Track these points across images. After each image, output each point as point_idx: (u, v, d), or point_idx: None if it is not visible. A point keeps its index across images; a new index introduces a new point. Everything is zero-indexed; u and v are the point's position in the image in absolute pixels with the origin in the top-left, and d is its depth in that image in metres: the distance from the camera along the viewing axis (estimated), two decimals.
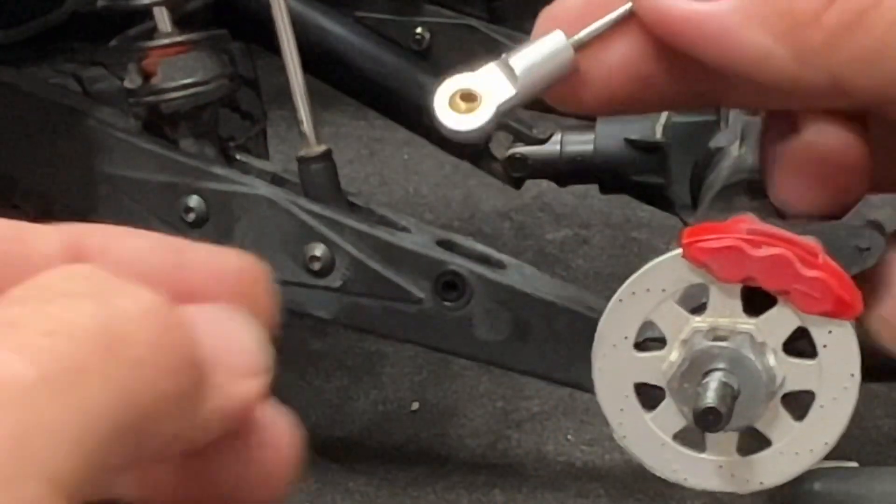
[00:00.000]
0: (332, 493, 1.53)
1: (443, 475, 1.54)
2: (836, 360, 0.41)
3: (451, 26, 1.68)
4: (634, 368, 0.44)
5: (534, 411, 1.63)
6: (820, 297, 0.40)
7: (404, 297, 1.29)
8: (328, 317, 1.35)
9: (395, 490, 1.53)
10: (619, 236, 1.95)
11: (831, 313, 0.40)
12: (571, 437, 1.59)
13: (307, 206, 1.31)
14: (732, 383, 0.44)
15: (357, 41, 1.62)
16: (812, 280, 0.40)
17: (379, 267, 1.29)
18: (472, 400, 1.66)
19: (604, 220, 1.97)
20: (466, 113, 0.36)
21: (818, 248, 0.40)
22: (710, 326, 0.43)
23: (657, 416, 0.44)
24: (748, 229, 0.40)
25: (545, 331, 1.27)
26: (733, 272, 0.41)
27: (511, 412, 1.64)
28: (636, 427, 0.44)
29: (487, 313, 1.28)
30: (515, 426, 1.62)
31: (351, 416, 1.65)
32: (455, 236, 1.34)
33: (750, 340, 0.43)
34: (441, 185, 2.15)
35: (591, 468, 1.55)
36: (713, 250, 0.41)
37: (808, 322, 0.41)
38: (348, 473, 1.55)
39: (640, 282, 0.43)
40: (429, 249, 1.29)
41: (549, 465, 1.56)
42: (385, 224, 1.33)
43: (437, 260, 1.28)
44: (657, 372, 0.44)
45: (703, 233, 0.41)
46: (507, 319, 1.28)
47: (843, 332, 0.40)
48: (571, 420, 1.61)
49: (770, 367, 0.43)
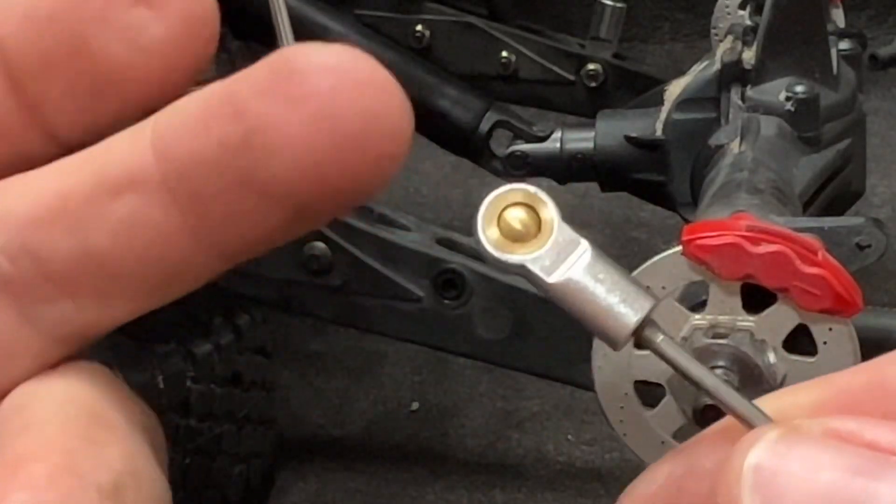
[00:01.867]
0: (332, 493, 1.53)
1: (443, 475, 1.54)
2: (836, 356, 0.41)
3: (451, 24, 1.68)
4: (634, 366, 0.43)
5: (534, 411, 1.63)
6: (820, 294, 0.40)
7: (404, 295, 1.29)
8: (328, 317, 1.35)
9: (395, 490, 1.52)
10: (619, 236, 1.95)
11: (831, 310, 0.40)
12: (571, 437, 1.59)
13: None
14: (732, 381, 0.43)
15: (357, 39, 1.62)
16: (812, 277, 0.39)
17: (378, 266, 1.29)
18: (472, 400, 1.66)
19: (604, 220, 1.97)
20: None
21: (818, 244, 0.40)
22: (710, 324, 0.43)
23: (657, 414, 0.44)
24: (748, 226, 0.40)
25: (545, 329, 1.27)
26: (733, 269, 0.40)
27: (511, 412, 1.63)
28: (636, 425, 0.44)
29: (487, 312, 1.28)
30: (515, 426, 1.61)
31: (351, 416, 1.65)
32: (455, 235, 1.33)
33: (750, 338, 0.43)
34: (441, 185, 2.15)
35: (591, 468, 1.54)
36: (713, 247, 0.40)
37: (808, 319, 0.41)
38: (348, 473, 1.55)
39: (639, 279, 0.43)
40: (428, 248, 1.29)
41: (549, 465, 1.55)
42: (384, 223, 1.33)
43: (437, 258, 1.28)
44: (657, 370, 0.43)
45: (702, 230, 0.40)
46: (507, 318, 1.28)
47: (843, 329, 0.40)
48: (571, 420, 1.61)
49: (770, 364, 0.43)
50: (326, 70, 0.26)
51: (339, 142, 0.26)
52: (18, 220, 0.28)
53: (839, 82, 1.34)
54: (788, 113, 1.27)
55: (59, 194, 0.28)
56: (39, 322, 0.28)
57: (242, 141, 0.26)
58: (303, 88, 0.26)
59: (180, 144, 0.27)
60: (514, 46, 1.67)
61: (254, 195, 0.27)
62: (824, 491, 0.26)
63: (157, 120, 0.27)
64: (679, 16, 2.52)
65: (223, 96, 0.27)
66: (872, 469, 0.26)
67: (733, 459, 0.27)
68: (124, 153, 0.27)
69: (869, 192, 1.51)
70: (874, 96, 2.06)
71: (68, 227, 0.27)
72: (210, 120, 0.27)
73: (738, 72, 1.34)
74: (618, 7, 1.66)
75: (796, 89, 1.28)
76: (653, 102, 1.44)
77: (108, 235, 0.27)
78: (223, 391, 1.33)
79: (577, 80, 1.67)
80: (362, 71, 0.26)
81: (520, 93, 1.69)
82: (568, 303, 0.29)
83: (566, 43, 1.71)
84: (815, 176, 1.23)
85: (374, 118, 0.26)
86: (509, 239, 0.28)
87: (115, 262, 0.27)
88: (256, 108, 0.26)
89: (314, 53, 0.26)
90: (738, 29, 1.44)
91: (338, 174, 0.26)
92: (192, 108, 0.27)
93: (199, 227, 0.27)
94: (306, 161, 0.26)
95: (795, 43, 1.32)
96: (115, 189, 0.27)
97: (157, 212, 0.27)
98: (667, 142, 1.40)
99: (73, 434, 0.27)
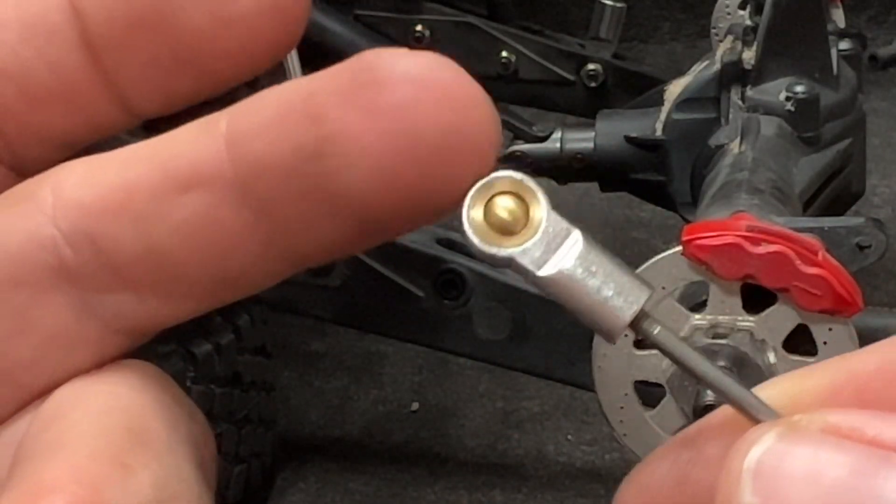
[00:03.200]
0: (332, 493, 1.52)
1: (443, 475, 1.54)
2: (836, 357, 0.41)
3: (451, 24, 1.68)
4: (634, 366, 0.43)
5: (534, 411, 1.63)
6: (820, 294, 0.40)
7: (404, 295, 1.29)
8: (328, 317, 1.35)
9: (395, 490, 1.52)
10: (619, 236, 1.95)
11: (831, 310, 0.40)
12: (571, 437, 1.59)
13: None
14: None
15: (357, 39, 1.62)
16: (812, 277, 0.39)
17: (378, 265, 1.29)
18: (472, 400, 1.66)
19: (604, 220, 1.97)
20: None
21: (818, 245, 0.40)
22: (710, 324, 0.43)
23: (657, 414, 0.44)
24: (748, 226, 0.40)
25: (545, 329, 1.27)
26: (733, 269, 0.40)
27: (511, 412, 1.63)
28: (636, 425, 0.44)
29: (487, 312, 1.28)
30: (515, 426, 1.61)
31: (351, 416, 1.65)
32: (455, 235, 1.33)
33: (750, 338, 0.43)
34: None
35: (591, 468, 1.54)
36: (713, 247, 0.40)
37: (808, 319, 0.41)
38: (348, 473, 1.55)
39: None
40: (428, 248, 1.29)
41: (549, 465, 1.55)
42: None
43: (437, 258, 1.28)
44: (657, 370, 0.43)
45: (702, 230, 0.40)
46: (507, 318, 1.28)
47: (843, 329, 0.40)
48: (571, 420, 1.61)
49: (770, 364, 0.43)
50: (409, 80, 0.25)
51: (417, 157, 0.25)
52: (82, 209, 0.27)
53: (839, 82, 1.34)
54: (788, 113, 1.27)
55: (125, 185, 0.27)
56: (99, 312, 0.27)
57: (316, 148, 0.25)
58: (383, 99, 0.25)
59: (255, 145, 0.26)
60: (514, 46, 1.67)
61: (325, 205, 0.26)
62: (825, 491, 0.25)
63: (234, 116, 0.27)
64: (679, 16, 2.52)
65: (302, 98, 0.26)
66: (874, 467, 0.25)
67: (732, 459, 0.26)
68: (195, 147, 0.27)
69: (869, 192, 1.51)
70: (874, 96, 2.06)
71: (133, 220, 0.27)
72: (286, 123, 0.26)
73: (738, 72, 1.35)
74: (618, 7, 1.66)
75: (796, 89, 1.28)
76: (653, 102, 1.44)
77: (174, 232, 0.26)
78: (223, 391, 1.33)
79: (577, 80, 1.67)
80: (447, 82, 0.25)
81: (520, 93, 1.69)
82: (560, 296, 0.27)
83: (566, 43, 1.71)
84: (815, 176, 1.23)
85: (455, 134, 0.25)
86: (497, 230, 0.27)
87: (179, 259, 0.27)
88: (334, 116, 0.25)
89: (399, 61, 0.25)
90: (738, 29, 1.45)
91: (413, 190, 0.25)
92: (270, 107, 0.26)
93: (268, 231, 0.26)
94: (381, 175, 0.25)
95: (795, 43, 1.32)
96: (184, 185, 0.26)
97: (226, 212, 0.26)
98: (667, 142, 1.40)
99: (105, 458, 0.26)
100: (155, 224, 0.27)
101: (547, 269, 0.27)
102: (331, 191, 0.26)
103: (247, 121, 0.26)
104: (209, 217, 0.26)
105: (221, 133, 0.26)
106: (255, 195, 0.26)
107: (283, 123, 0.26)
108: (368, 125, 0.25)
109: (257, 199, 0.26)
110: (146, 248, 0.27)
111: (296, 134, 0.26)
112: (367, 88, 0.25)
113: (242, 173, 0.26)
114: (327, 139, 0.25)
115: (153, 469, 0.26)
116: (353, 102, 0.25)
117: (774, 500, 0.26)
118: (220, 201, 0.26)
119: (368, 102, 0.25)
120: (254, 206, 0.26)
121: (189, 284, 0.27)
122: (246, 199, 0.26)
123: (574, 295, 0.27)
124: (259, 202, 0.26)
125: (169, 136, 0.27)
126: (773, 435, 0.26)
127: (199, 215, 0.26)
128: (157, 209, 0.27)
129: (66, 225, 0.27)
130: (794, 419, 0.26)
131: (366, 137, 0.25)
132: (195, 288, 0.27)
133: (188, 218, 0.26)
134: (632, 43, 2.42)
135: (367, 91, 0.25)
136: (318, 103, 0.25)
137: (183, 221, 0.26)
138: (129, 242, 0.27)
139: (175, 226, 0.26)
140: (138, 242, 0.27)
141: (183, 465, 0.27)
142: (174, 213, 0.26)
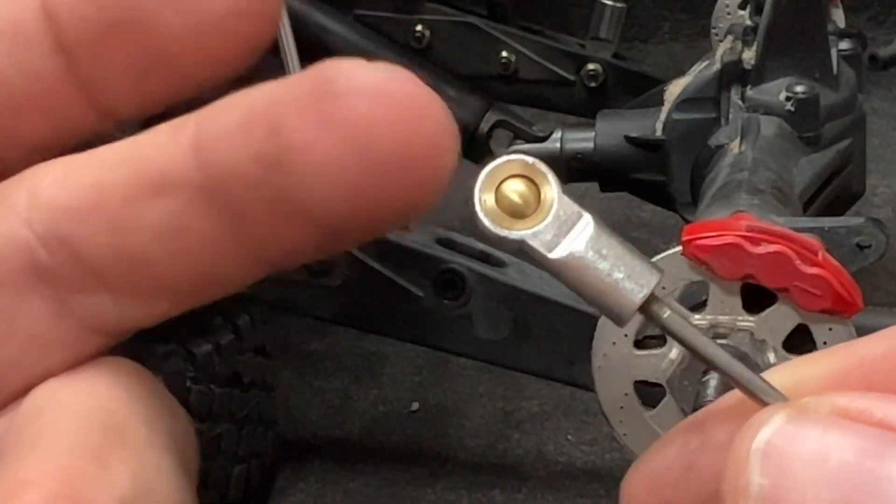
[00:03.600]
0: (332, 493, 1.52)
1: (443, 475, 1.54)
2: None
3: (451, 24, 1.68)
4: (634, 366, 0.43)
5: (534, 411, 1.63)
6: (820, 294, 0.40)
7: (404, 295, 1.29)
8: (328, 317, 1.35)
9: (395, 490, 1.52)
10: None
11: (831, 310, 0.40)
12: (571, 437, 1.59)
13: None
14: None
15: (357, 39, 1.62)
16: (812, 277, 0.39)
17: (378, 265, 1.29)
18: (472, 400, 1.66)
19: (604, 220, 1.97)
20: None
21: (818, 245, 0.40)
22: (710, 324, 0.43)
23: (657, 414, 0.44)
24: (748, 226, 0.40)
25: (545, 329, 1.27)
26: (733, 269, 0.40)
27: (511, 412, 1.63)
28: (636, 425, 0.44)
29: (487, 312, 1.28)
30: (515, 426, 1.61)
31: (351, 416, 1.64)
32: (455, 234, 1.33)
33: (750, 338, 0.43)
34: None
35: (591, 468, 1.54)
36: (713, 247, 0.40)
37: (808, 319, 0.41)
38: (348, 473, 1.55)
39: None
40: (428, 248, 1.29)
41: (549, 465, 1.55)
42: None
43: (437, 258, 1.28)
44: (657, 370, 0.43)
45: (702, 230, 0.40)
46: (507, 318, 1.28)
47: (843, 329, 0.40)
48: (571, 420, 1.61)
49: (770, 364, 0.43)
50: (366, 92, 0.25)
51: (374, 168, 0.25)
52: (56, 211, 0.27)
53: (839, 82, 1.34)
54: (788, 113, 1.27)
55: (98, 187, 0.27)
56: (76, 313, 0.28)
57: (276, 159, 0.26)
58: (340, 112, 0.25)
59: (220, 153, 0.26)
60: (514, 46, 1.67)
61: (288, 212, 0.26)
62: (833, 473, 0.26)
63: (201, 121, 0.27)
64: (679, 16, 2.52)
65: (264, 107, 0.26)
66: (882, 450, 0.25)
67: (741, 442, 0.26)
68: (165, 151, 0.27)
69: (869, 192, 1.51)
70: (874, 96, 2.06)
71: (106, 221, 0.27)
72: (248, 131, 0.26)
73: (738, 72, 1.35)
74: (618, 7, 1.66)
75: (796, 89, 1.28)
76: (653, 102, 1.44)
77: (146, 234, 0.27)
78: (223, 391, 1.33)
79: (577, 80, 1.67)
80: (404, 95, 0.26)
81: (520, 93, 1.69)
82: (571, 279, 0.27)
83: (566, 43, 1.71)
84: (815, 176, 1.23)
85: (411, 145, 0.25)
86: (508, 213, 0.27)
87: (152, 260, 0.27)
88: (292, 128, 0.25)
89: (356, 73, 0.26)
90: (738, 29, 1.45)
91: (372, 200, 0.26)
92: (235, 113, 0.26)
93: (237, 234, 0.27)
94: (339, 186, 0.25)
95: (795, 43, 1.32)
96: (155, 189, 0.27)
97: (195, 216, 0.27)
98: (667, 142, 1.40)
99: (82, 454, 0.26)
100: (128, 226, 0.27)
101: (558, 251, 0.27)
102: (291, 201, 0.26)
103: (213, 126, 0.27)
104: (179, 220, 0.27)
105: (189, 137, 0.27)
106: (221, 200, 0.26)
107: (245, 131, 0.26)
108: (325, 138, 0.25)
109: (224, 204, 0.26)
110: (120, 250, 0.27)
111: (257, 143, 0.26)
112: (325, 101, 0.25)
113: (208, 179, 0.26)
114: (285, 150, 0.25)
115: (130, 464, 0.26)
116: (311, 115, 0.25)
117: (783, 481, 0.26)
118: (188, 205, 0.27)
119: (325, 115, 0.25)
120: (221, 210, 0.26)
121: (163, 285, 0.28)
122: (214, 204, 0.26)
123: (585, 278, 0.27)
124: (226, 207, 0.26)
125: (142, 137, 0.28)
126: (782, 417, 0.26)
127: (169, 218, 0.27)
128: (129, 212, 0.27)
129: (41, 227, 0.27)
130: (803, 402, 0.27)
131: (322, 150, 0.25)
132: (169, 289, 0.28)
133: (159, 221, 0.27)
134: (632, 43, 2.42)
135: (324, 104, 0.25)
136: (278, 113, 0.26)
137: (154, 224, 0.27)
138: (103, 244, 0.27)
139: (147, 228, 0.27)
140: (112, 244, 0.27)
141: (162, 460, 0.27)
142: (146, 216, 0.27)
